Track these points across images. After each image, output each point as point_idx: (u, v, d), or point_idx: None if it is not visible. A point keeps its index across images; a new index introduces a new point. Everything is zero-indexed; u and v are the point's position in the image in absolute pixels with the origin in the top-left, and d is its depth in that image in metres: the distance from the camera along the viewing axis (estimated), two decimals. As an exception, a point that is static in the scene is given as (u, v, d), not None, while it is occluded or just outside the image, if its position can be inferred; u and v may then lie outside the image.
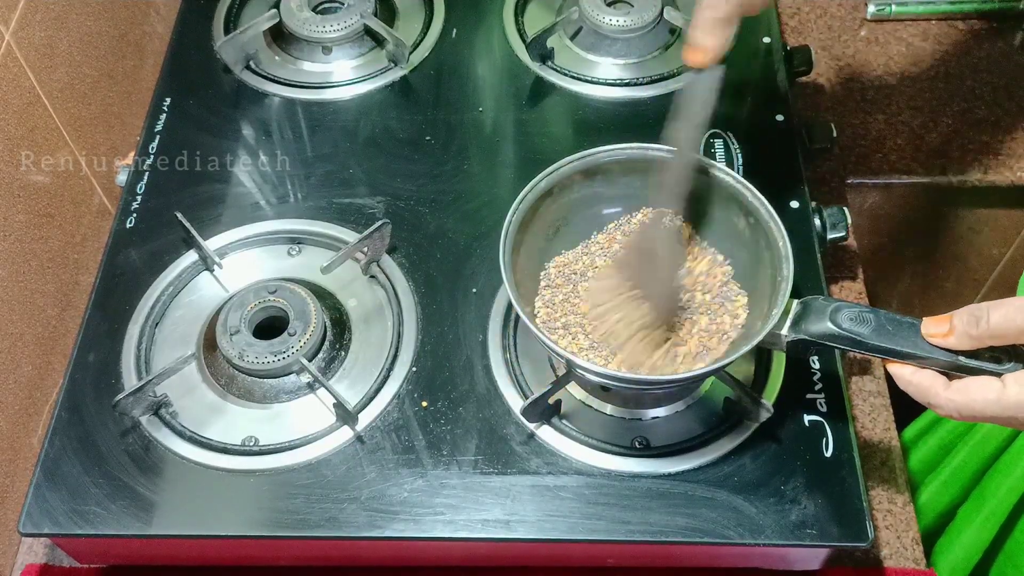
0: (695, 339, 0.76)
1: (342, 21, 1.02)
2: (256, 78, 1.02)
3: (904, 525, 0.87)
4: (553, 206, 0.80)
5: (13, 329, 0.88)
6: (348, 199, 0.92)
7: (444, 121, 0.98)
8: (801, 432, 0.77)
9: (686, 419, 0.79)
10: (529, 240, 0.78)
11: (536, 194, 0.78)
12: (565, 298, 0.79)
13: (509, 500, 0.75)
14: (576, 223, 0.82)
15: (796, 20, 1.22)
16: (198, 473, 0.77)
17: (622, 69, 1.03)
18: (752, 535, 0.73)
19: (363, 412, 0.79)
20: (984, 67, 1.17)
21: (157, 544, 0.77)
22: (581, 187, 0.81)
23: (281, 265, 0.89)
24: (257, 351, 0.79)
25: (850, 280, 1.00)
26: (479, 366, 0.82)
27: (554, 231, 0.81)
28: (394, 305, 0.85)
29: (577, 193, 0.81)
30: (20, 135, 0.89)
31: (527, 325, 0.72)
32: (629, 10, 1.02)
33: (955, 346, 0.63)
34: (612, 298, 0.77)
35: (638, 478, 0.76)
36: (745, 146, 0.94)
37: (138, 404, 0.78)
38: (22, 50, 0.89)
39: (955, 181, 1.08)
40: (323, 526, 0.74)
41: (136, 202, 0.92)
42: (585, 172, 0.80)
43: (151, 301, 0.86)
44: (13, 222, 0.88)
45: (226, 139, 0.98)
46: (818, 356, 0.81)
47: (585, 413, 0.80)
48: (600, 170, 0.80)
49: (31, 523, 0.75)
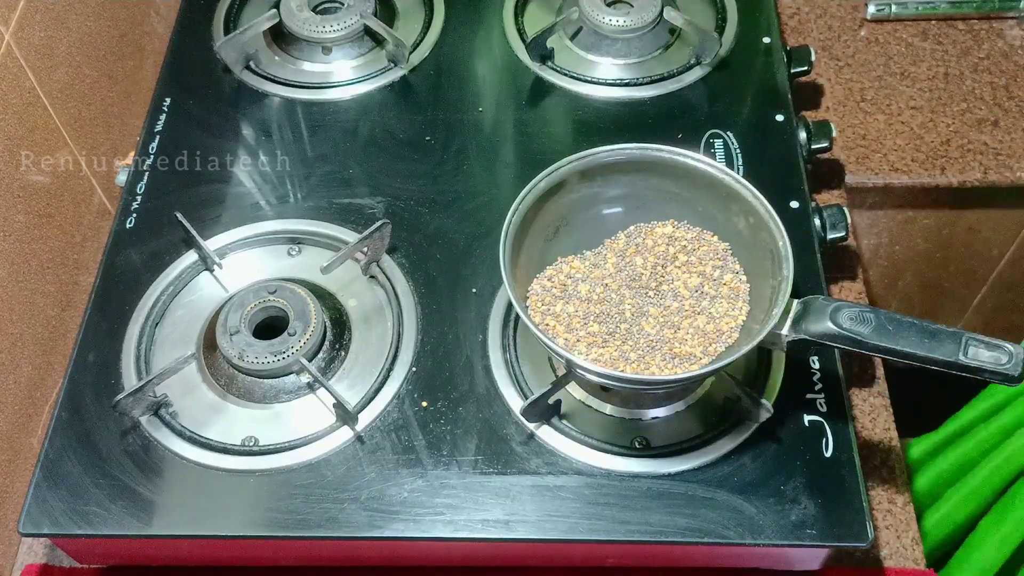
0: (695, 339, 0.76)
1: (342, 21, 1.02)
2: (256, 78, 1.02)
3: (904, 525, 0.87)
4: (553, 206, 0.80)
5: (13, 329, 0.88)
6: (348, 199, 0.92)
7: (444, 121, 0.98)
8: (801, 432, 0.77)
9: (686, 419, 0.79)
10: (529, 240, 0.78)
11: (536, 194, 0.78)
12: (566, 299, 0.79)
13: (509, 500, 0.75)
14: (576, 224, 0.82)
15: (796, 20, 1.22)
16: (198, 473, 0.77)
17: (622, 69, 1.03)
18: (752, 535, 0.73)
19: (363, 412, 0.79)
20: (984, 67, 1.17)
21: (157, 544, 0.77)
22: (581, 187, 0.81)
23: (281, 265, 0.89)
24: (257, 351, 0.79)
25: (850, 280, 1.00)
26: (479, 366, 0.82)
27: (554, 231, 0.81)
28: (394, 305, 0.85)
29: (577, 193, 0.81)
30: (20, 135, 0.89)
31: (527, 325, 0.72)
32: (629, 10, 1.02)
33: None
34: (613, 298, 0.77)
35: (638, 478, 0.76)
36: (745, 146, 0.94)
37: (138, 404, 0.78)
38: (22, 50, 0.89)
39: (955, 181, 1.09)
40: (323, 526, 0.74)
41: (136, 202, 0.92)
42: (585, 172, 0.80)
43: (151, 301, 0.86)
44: (13, 222, 0.88)
45: (226, 139, 0.98)
46: (818, 356, 0.81)
47: (585, 413, 0.80)
48: (600, 170, 0.80)
49: (31, 523, 0.75)
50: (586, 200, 0.81)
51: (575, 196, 0.81)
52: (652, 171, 0.80)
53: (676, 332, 0.76)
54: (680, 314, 0.77)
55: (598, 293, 0.79)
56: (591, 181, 0.81)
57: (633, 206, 0.82)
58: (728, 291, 0.78)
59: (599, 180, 0.81)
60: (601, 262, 0.81)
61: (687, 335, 0.76)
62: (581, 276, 0.80)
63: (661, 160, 0.79)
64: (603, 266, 0.81)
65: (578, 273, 0.80)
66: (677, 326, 0.77)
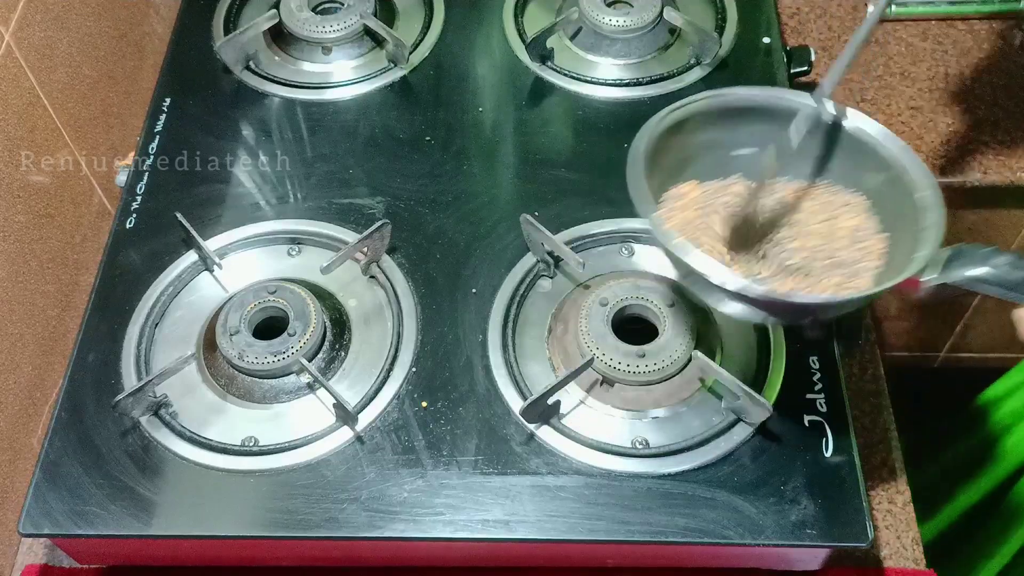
0: (831, 280, 0.73)
1: (342, 21, 1.02)
2: (256, 78, 1.03)
3: (904, 525, 0.87)
4: (676, 144, 0.76)
5: (13, 329, 0.88)
6: (348, 199, 0.92)
7: (444, 121, 0.98)
8: (801, 432, 0.77)
9: (686, 419, 0.79)
10: (652, 175, 0.74)
11: (667, 124, 0.74)
12: (698, 222, 0.75)
13: (509, 500, 0.75)
14: (698, 168, 0.78)
15: (796, 20, 1.22)
16: (198, 473, 0.77)
17: (622, 69, 1.03)
18: (752, 535, 0.73)
19: (363, 412, 0.79)
20: (984, 67, 1.17)
21: (157, 544, 0.77)
22: (707, 130, 0.77)
23: (281, 265, 0.89)
24: (257, 351, 0.79)
25: (850, 280, 1.00)
26: (479, 366, 0.82)
27: (678, 169, 0.77)
28: (394, 305, 0.85)
29: (703, 135, 0.77)
30: (20, 135, 0.89)
31: (661, 237, 0.68)
32: (629, 10, 1.02)
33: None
34: (748, 229, 0.75)
35: (638, 478, 0.76)
36: (745, 146, 0.94)
37: (138, 404, 0.78)
38: (22, 50, 0.89)
39: (955, 181, 1.09)
40: (323, 526, 0.74)
41: (136, 202, 0.92)
42: (720, 112, 0.77)
43: (151, 301, 0.86)
44: (13, 222, 0.88)
45: (226, 139, 0.98)
46: (818, 356, 0.81)
47: (585, 413, 0.80)
48: (731, 112, 0.77)
49: (31, 523, 0.75)
50: (710, 144, 0.78)
51: (701, 137, 0.77)
52: (785, 120, 0.77)
53: (814, 273, 0.73)
54: (817, 259, 0.74)
55: (731, 221, 0.75)
56: (718, 125, 0.77)
57: (759, 156, 0.78)
58: (864, 247, 0.75)
59: (729, 122, 0.78)
60: (738, 193, 0.77)
61: (825, 275, 0.73)
62: (711, 203, 0.76)
63: (796, 108, 0.76)
64: (737, 198, 0.77)
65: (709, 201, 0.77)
66: (815, 268, 0.73)
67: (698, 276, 0.67)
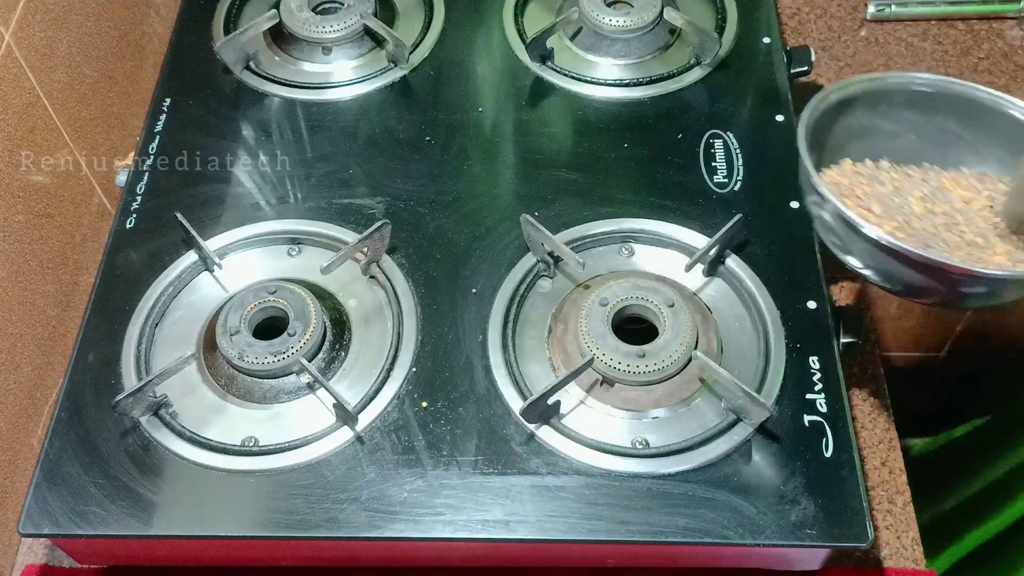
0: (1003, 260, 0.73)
1: (342, 21, 1.02)
2: (256, 78, 1.03)
3: (904, 525, 0.87)
4: (835, 126, 0.78)
5: (13, 329, 0.88)
6: (348, 199, 0.92)
7: (444, 121, 0.98)
8: (801, 432, 0.77)
9: (686, 419, 0.79)
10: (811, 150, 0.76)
11: (828, 104, 0.76)
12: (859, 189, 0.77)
13: (509, 500, 0.75)
14: (851, 152, 0.80)
15: (796, 20, 1.22)
16: (198, 473, 0.77)
17: (622, 69, 1.03)
18: (752, 535, 0.73)
19: (363, 412, 0.79)
20: (984, 67, 1.17)
21: (157, 544, 0.77)
22: (863, 115, 0.79)
23: (281, 265, 0.89)
24: (257, 351, 0.79)
25: (850, 280, 1.00)
26: (479, 366, 0.82)
27: (840, 149, 0.79)
28: (394, 305, 0.85)
29: (857, 121, 0.79)
30: (20, 135, 0.89)
31: (824, 192, 0.70)
32: (629, 10, 1.02)
33: None
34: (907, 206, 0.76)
35: (638, 478, 0.76)
36: (745, 146, 0.94)
37: (138, 404, 0.78)
38: (22, 50, 0.89)
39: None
40: (323, 526, 0.74)
41: (136, 202, 0.92)
42: (874, 95, 0.79)
43: (151, 301, 0.86)
44: (13, 222, 0.88)
45: (226, 139, 0.98)
46: (818, 356, 0.81)
47: (585, 413, 0.80)
48: (889, 97, 0.79)
49: (31, 523, 0.75)
50: (864, 131, 0.80)
51: (855, 123, 0.79)
52: (939, 109, 0.78)
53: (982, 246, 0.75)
54: (972, 244, 0.75)
55: (892, 197, 0.77)
56: (873, 110, 0.79)
57: (912, 143, 0.81)
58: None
59: (882, 109, 0.79)
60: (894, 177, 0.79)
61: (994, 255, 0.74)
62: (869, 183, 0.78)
63: (958, 95, 0.77)
64: (893, 181, 0.79)
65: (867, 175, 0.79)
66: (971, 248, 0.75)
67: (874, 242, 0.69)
